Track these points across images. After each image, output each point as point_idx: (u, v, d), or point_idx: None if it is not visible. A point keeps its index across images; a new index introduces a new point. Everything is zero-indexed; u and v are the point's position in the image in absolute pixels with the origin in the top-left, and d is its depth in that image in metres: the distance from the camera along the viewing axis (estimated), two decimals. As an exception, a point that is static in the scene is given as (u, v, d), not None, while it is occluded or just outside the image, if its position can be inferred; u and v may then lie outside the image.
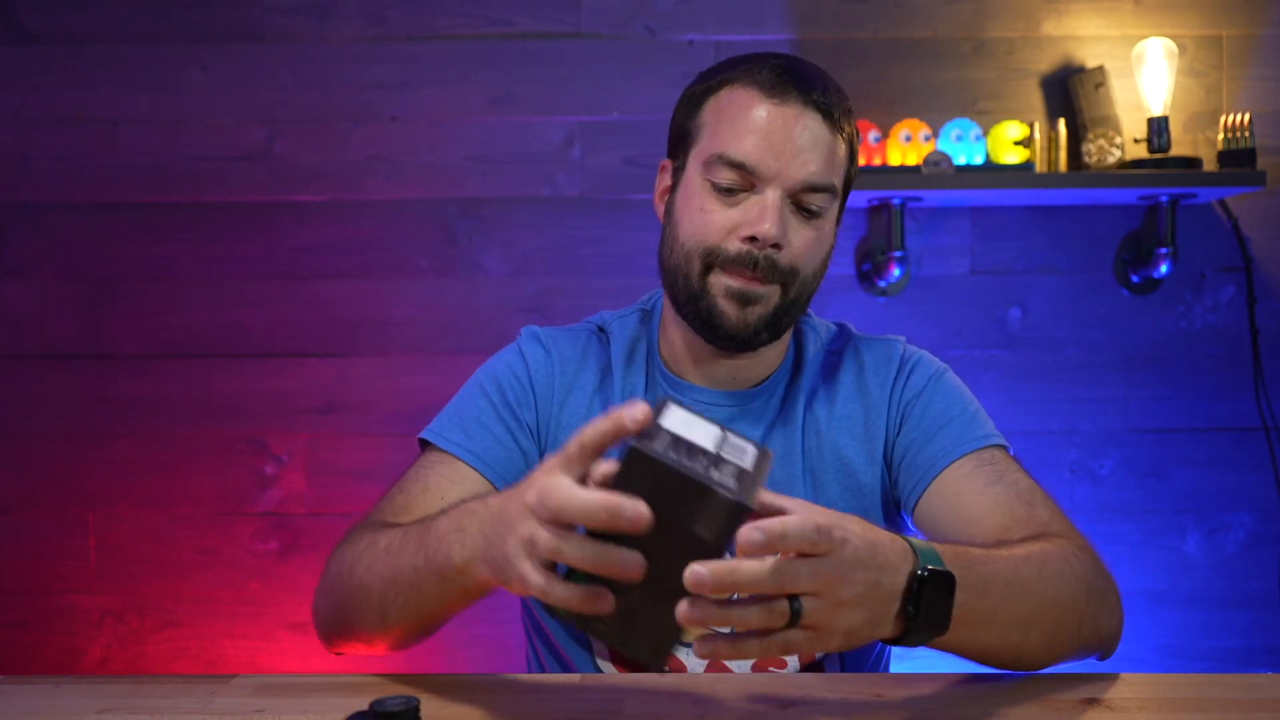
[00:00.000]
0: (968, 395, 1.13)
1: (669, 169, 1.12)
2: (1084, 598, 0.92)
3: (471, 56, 2.10)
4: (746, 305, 1.04)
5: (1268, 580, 2.12)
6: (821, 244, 1.07)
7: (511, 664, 2.10)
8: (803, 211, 1.04)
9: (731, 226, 1.03)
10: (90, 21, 2.09)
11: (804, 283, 1.06)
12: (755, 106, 1.03)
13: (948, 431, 1.08)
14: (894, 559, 0.75)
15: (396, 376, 2.11)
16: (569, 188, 2.10)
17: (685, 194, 1.07)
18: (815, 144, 1.03)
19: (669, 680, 0.94)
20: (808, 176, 1.02)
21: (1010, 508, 1.01)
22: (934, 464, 1.07)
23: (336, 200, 2.10)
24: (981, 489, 1.03)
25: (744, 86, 1.04)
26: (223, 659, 2.11)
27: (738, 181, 1.03)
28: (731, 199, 1.04)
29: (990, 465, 1.05)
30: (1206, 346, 2.12)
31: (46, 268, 2.10)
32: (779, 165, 1.02)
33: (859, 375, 1.14)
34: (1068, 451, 2.12)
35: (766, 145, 1.02)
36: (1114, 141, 2.03)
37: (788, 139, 1.02)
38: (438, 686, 0.89)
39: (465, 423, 1.10)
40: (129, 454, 2.10)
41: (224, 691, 0.89)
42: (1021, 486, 1.03)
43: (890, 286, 2.11)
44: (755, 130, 1.02)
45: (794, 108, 1.02)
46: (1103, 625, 0.95)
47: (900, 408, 1.12)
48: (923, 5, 2.10)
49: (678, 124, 1.10)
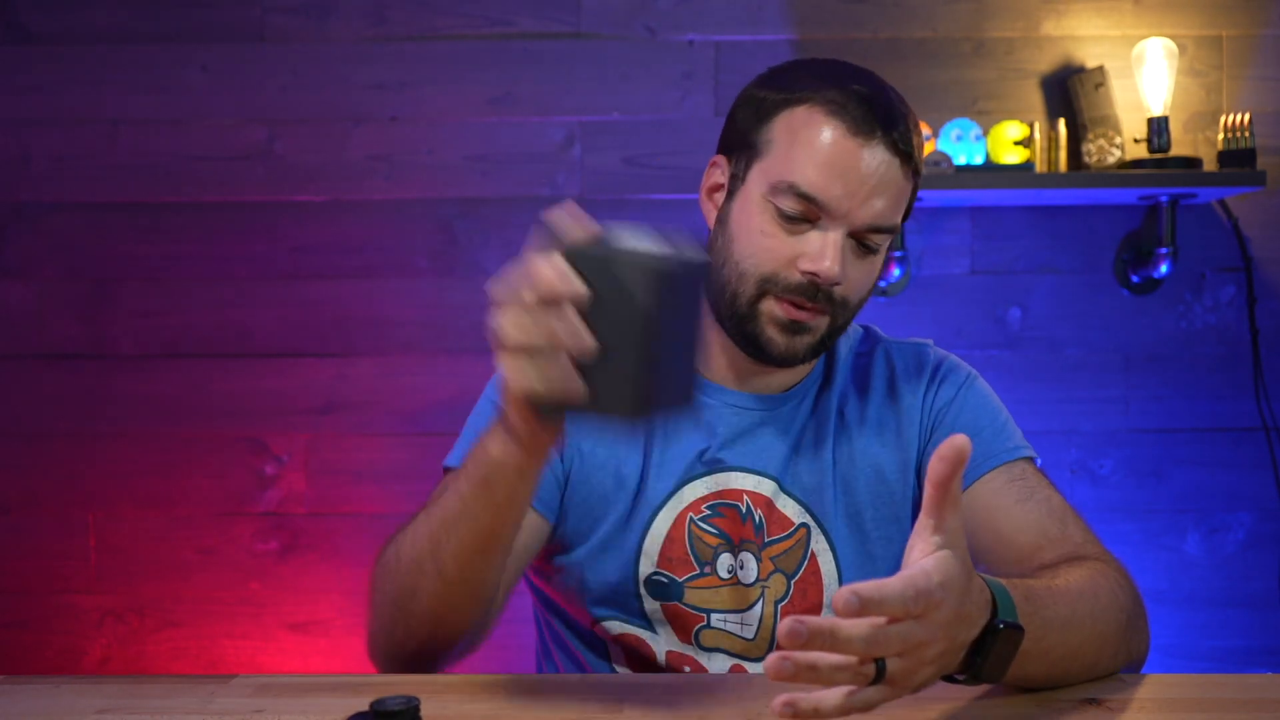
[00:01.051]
0: (997, 404, 1.13)
1: (723, 167, 1.08)
2: (1126, 628, 0.92)
3: (471, 56, 2.10)
4: (796, 335, 1.03)
5: (1268, 580, 2.12)
6: (873, 275, 1.06)
7: (512, 664, 2.10)
8: (863, 247, 1.03)
9: (792, 257, 1.01)
10: (90, 21, 2.09)
11: (851, 311, 1.06)
12: (836, 140, 0.99)
13: (978, 443, 1.06)
14: (975, 612, 0.73)
15: (396, 376, 2.11)
16: (569, 188, 2.10)
17: (744, 210, 1.03)
18: (889, 187, 1.00)
19: (669, 680, 0.94)
20: (875, 219, 1.00)
21: (1043, 526, 1.00)
22: (965, 477, 1.06)
23: (336, 200, 2.10)
24: (1012, 505, 1.03)
25: (826, 113, 1.00)
26: (223, 659, 2.11)
27: (804, 212, 1.00)
28: (794, 227, 1.01)
29: (1021, 480, 1.04)
30: (1206, 346, 2.12)
31: (46, 268, 2.10)
32: (850, 206, 0.99)
33: (890, 381, 1.14)
34: (1068, 451, 2.12)
35: (842, 184, 0.98)
36: (1114, 141, 2.03)
37: (863, 180, 0.99)
38: (438, 686, 0.89)
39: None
40: (129, 454, 2.10)
41: (224, 691, 0.89)
42: (1053, 504, 1.03)
43: (890, 286, 2.11)
44: (833, 166, 0.98)
45: (875, 149, 0.99)
46: (1134, 649, 0.95)
47: (932, 415, 1.11)
48: (923, 5, 2.10)
49: (741, 128, 1.06)
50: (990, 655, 0.75)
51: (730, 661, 1.06)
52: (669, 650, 1.07)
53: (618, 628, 1.08)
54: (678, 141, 2.09)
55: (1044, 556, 0.98)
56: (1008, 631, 0.75)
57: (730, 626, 1.06)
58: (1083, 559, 0.95)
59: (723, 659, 1.07)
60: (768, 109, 1.03)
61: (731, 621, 1.06)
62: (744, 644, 1.07)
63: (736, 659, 1.07)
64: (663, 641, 1.07)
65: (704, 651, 1.06)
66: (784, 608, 1.06)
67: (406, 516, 1.05)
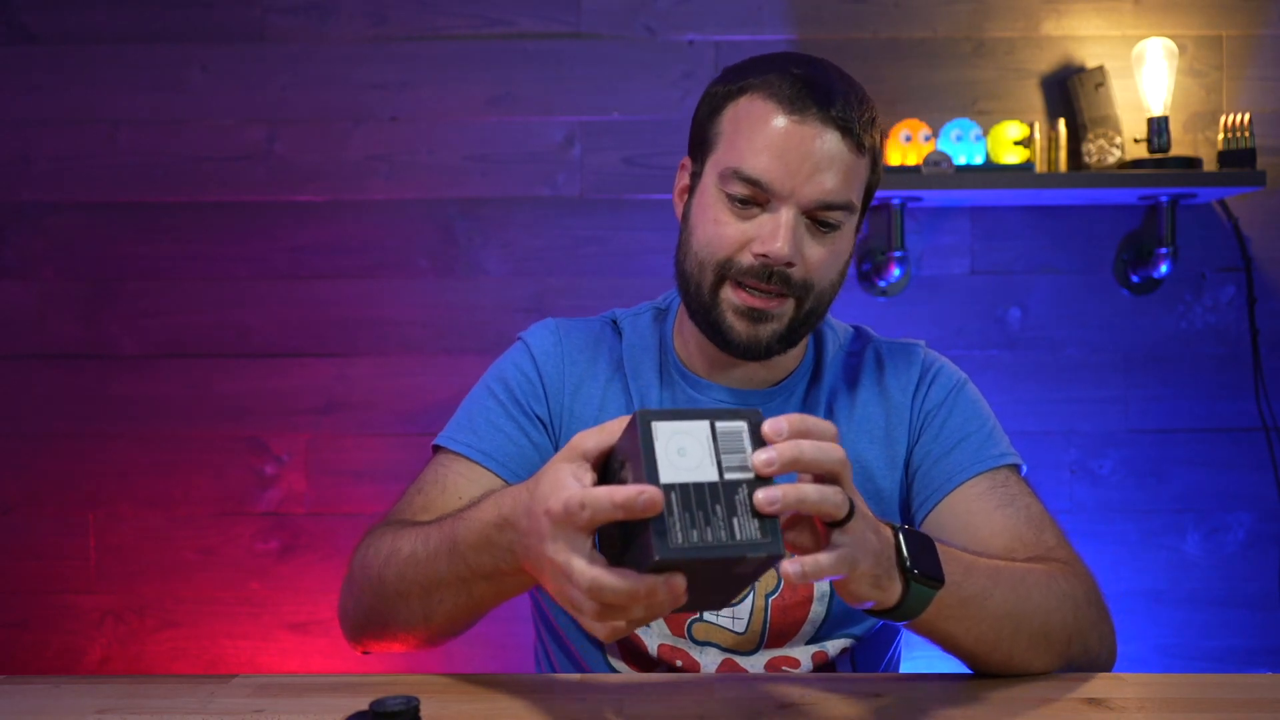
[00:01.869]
0: (986, 410, 1.13)
1: (688, 169, 1.11)
2: (1072, 615, 0.94)
3: (471, 56, 2.10)
4: (758, 323, 1.04)
5: (1267, 580, 2.12)
6: (838, 257, 1.06)
7: (513, 663, 2.10)
8: (819, 226, 1.03)
9: (745, 240, 1.02)
10: (90, 21, 2.09)
11: (819, 295, 1.06)
12: (773, 121, 1.01)
13: (964, 448, 1.08)
14: (879, 523, 0.80)
15: (396, 376, 2.11)
16: (569, 187, 2.10)
17: (701, 202, 1.06)
18: (833, 162, 1.00)
19: (669, 680, 0.94)
20: (823, 195, 1.01)
21: (1018, 531, 1.01)
22: (948, 480, 1.07)
23: (336, 200, 2.10)
24: (992, 511, 1.04)
25: (764, 98, 1.02)
26: (223, 659, 2.11)
27: (752, 196, 1.01)
28: (746, 212, 1.02)
29: (1003, 488, 1.06)
30: (1206, 346, 2.12)
31: (46, 268, 2.10)
32: (794, 184, 1.00)
33: (880, 380, 1.14)
34: (1068, 451, 2.12)
35: (782, 163, 1.00)
36: (1114, 141, 2.03)
37: (804, 157, 1.00)
38: (438, 686, 0.89)
39: (475, 424, 1.10)
40: (129, 454, 2.10)
41: (224, 691, 0.89)
42: (1032, 512, 1.04)
43: (890, 286, 2.11)
44: (771, 147, 1.00)
45: (813, 125, 1.00)
46: (1092, 648, 0.96)
47: (921, 417, 1.12)
48: (923, 5, 2.10)
49: (698, 125, 1.09)
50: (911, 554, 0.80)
51: (722, 656, 1.07)
52: (661, 643, 1.07)
53: None
54: (678, 141, 2.07)
55: (1014, 558, 0.99)
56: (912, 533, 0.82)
57: (722, 621, 1.07)
58: (1047, 560, 0.97)
59: (714, 653, 1.07)
60: (717, 103, 1.06)
61: (723, 615, 1.07)
62: (735, 638, 1.07)
63: (728, 653, 1.07)
64: (655, 635, 1.08)
65: (696, 645, 1.07)
66: (774, 601, 1.07)
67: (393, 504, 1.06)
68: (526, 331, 1.18)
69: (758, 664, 1.07)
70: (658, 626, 1.08)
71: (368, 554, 0.97)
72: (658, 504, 0.67)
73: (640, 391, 1.12)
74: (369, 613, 0.97)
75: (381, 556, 0.95)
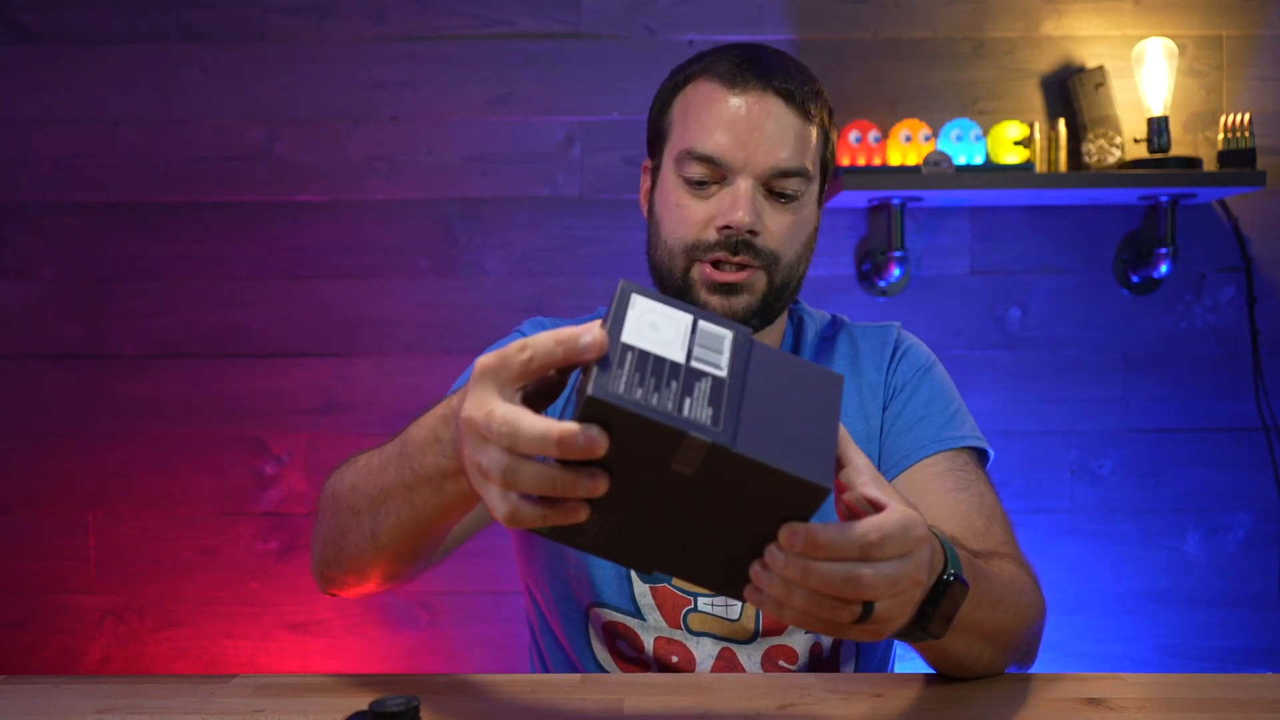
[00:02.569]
0: (952, 392, 1.14)
1: (649, 169, 1.15)
2: (1032, 629, 0.95)
3: (471, 56, 2.10)
4: (731, 296, 1.06)
5: (1267, 580, 2.12)
6: (801, 228, 1.08)
7: (512, 664, 2.10)
8: (778, 197, 1.06)
9: (707, 218, 1.05)
10: (90, 21, 2.09)
11: (789, 267, 1.07)
12: (718, 99, 1.05)
13: (925, 426, 1.09)
14: (935, 558, 0.74)
15: (396, 376, 2.11)
16: (569, 187, 2.10)
17: (662, 192, 1.10)
18: (781, 130, 1.04)
19: (669, 680, 0.94)
20: (777, 163, 1.04)
21: (969, 518, 1.02)
22: (908, 455, 1.08)
23: (336, 200, 2.10)
24: (947, 493, 1.04)
25: (707, 80, 1.06)
26: (223, 659, 2.11)
27: (709, 174, 1.05)
28: (705, 192, 1.06)
29: (961, 471, 1.06)
30: (1206, 346, 2.12)
31: (46, 268, 2.10)
32: (745, 154, 1.03)
33: (854, 359, 1.16)
34: (1068, 451, 2.12)
35: (732, 136, 1.04)
36: (1114, 141, 2.03)
37: (752, 127, 1.03)
38: (438, 686, 0.89)
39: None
40: (129, 454, 2.10)
41: (224, 691, 0.89)
42: (985, 500, 1.04)
43: (890, 286, 2.11)
44: (719, 122, 1.04)
45: (755, 95, 1.04)
46: (1031, 652, 0.97)
47: (889, 390, 1.13)
48: (923, 5, 2.10)
49: (652, 123, 1.13)
50: (942, 605, 0.75)
51: (719, 645, 1.07)
52: (657, 637, 1.08)
53: (607, 615, 1.09)
54: (678, 141, 2.09)
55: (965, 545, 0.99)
56: (959, 585, 0.75)
57: (716, 610, 1.07)
58: (1002, 557, 0.96)
59: (710, 643, 1.07)
60: (666, 97, 1.11)
61: (717, 604, 1.07)
62: (729, 626, 1.07)
63: (724, 642, 1.07)
64: (650, 629, 1.08)
65: (692, 636, 1.07)
66: None
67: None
68: (522, 325, 1.20)
69: (755, 654, 1.07)
70: (654, 619, 1.07)
71: (332, 478, 0.94)
72: (603, 345, 0.61)
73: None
74: (327, 540, 0.93)
75: (344, 477, 0.91)
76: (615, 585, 1.08)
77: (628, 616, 1.08)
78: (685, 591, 1.08)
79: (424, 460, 0.78)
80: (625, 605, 1.08)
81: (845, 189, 1.95)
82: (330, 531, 0.92)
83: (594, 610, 1.10)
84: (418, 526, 0.84)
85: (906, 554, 0.67)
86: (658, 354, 0.62)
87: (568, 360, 0.63)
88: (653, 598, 1.08)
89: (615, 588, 1.08)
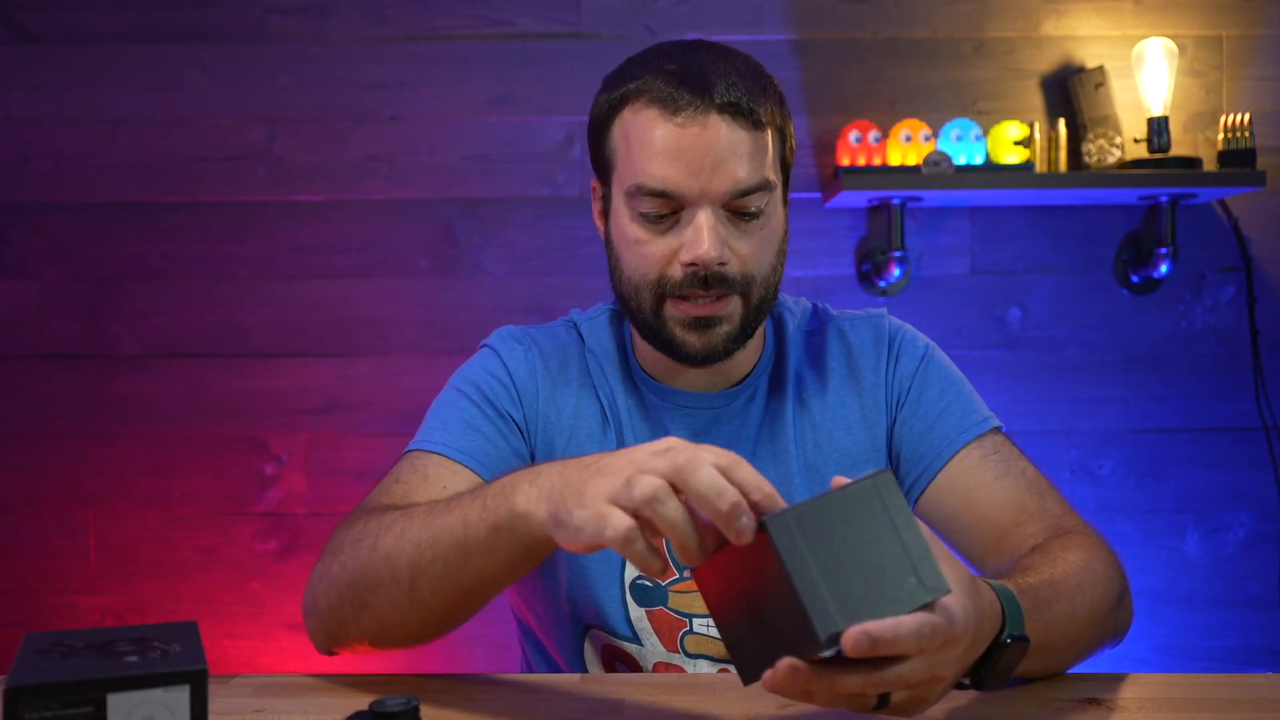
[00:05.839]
0: (956, 374, 1.11)
1: (598, 191, 1.07)
2: (1115, 607, 0.92)
3: (471, 56, 2.10)
4: (708, 329, 1.00)
5: (1267, 580, 2.12)
6: (769, 242, 1.01)
7: (511, 664, 2.09)
8: (742, 217, 0.98)
9: (670, 253, 0.98)
10: (90, 21, 2.09)
11: (764, 284, 1.01)
12: (658, 127, 0.96)
13: (947, 419, 1.06)
14: (987, 630, 0.72)
15: (396, 376, 2.11)
16: (569, 187, 2.10)
17: (618, 225, 1.02)
18: (733, 149, 0.96)
19: (669, 680, 0.94)
20: (734, 185, 0.96)
21: (1023, 502, 1.00)
22: (939, 456, 1.05)
23: (336, 200, 2.10)
24: (991, 482, 1.02)
25: (644, 104, 0.97)
26: (223, 659, 2.11)
27: (664, 207, 0.97)
28: (662, 225, 0.98)
29: (995, 455, 1.04)
30: (1206, 346, 2.12)
31: (46, 268, 2.10)
32: (700, 184, 0.96)
33: (848, 360, 1.11)
34: (1068, 451, 2.12)
35: (681, 165, 0.95)
36: (1114, 141, 2.03)
37: (702, 154, 0.95)
38: (438, 686, 0.89)
39: (450, 426, 1.05)
40: (129, 454, 2.10)
41: (224, 691, 0.89)
42: (1029, 476, 1.02)
43: (890, 286, 2.11)
44: (664, 153, 0.96)
45: (698, 117, 0.95)
46: (1120, 621, 0.95)
47: (895, 392, 1.09)
48: (923, 5, 2.10)
49: (594, 147, 1.05)
50: (997, 667, 0.74)
51: (716, 666, 1.05)
52: (656, 662, 1.05)
53: (603, 639, 1.07)
54: (678, 141, 2.09)
55: (1026, 531, 0.97)
56: (1015, 644, 0.75)
57: (713, 631, 1.05)
58: (1069, 533, 0.95)
59: (708, 665, 1.05)
60: (603, 121, 1.02)
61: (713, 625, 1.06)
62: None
63: (721, 663, 1.05)
64: (648, 653, 1.05)
65: (689, 659, 1.05)
66: None
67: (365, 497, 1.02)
68: (490, 339, 1.13)
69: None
70: (651, 644, 1.05)
71: (350, 533, 0.91)
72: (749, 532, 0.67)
73: (608, 398, 1.09)
74: (343, 595, 0.90)
75: (373, 527, 0.89)
76: (611, 609, 1.05)
77: (625, 642, 1.06)
78: (680, 613, 1.05)
79: (502, 495, 0.79)
80: (623, 630, 1.05)
81: (845, 189, 1.95)
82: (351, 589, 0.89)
83: (593, 632, 1.07)
84: (462, 576, 0.83)
85: (922, 653, 0.66)
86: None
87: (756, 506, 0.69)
88: (649, 621, 1.05)
89: (611, 612, 1.05)
